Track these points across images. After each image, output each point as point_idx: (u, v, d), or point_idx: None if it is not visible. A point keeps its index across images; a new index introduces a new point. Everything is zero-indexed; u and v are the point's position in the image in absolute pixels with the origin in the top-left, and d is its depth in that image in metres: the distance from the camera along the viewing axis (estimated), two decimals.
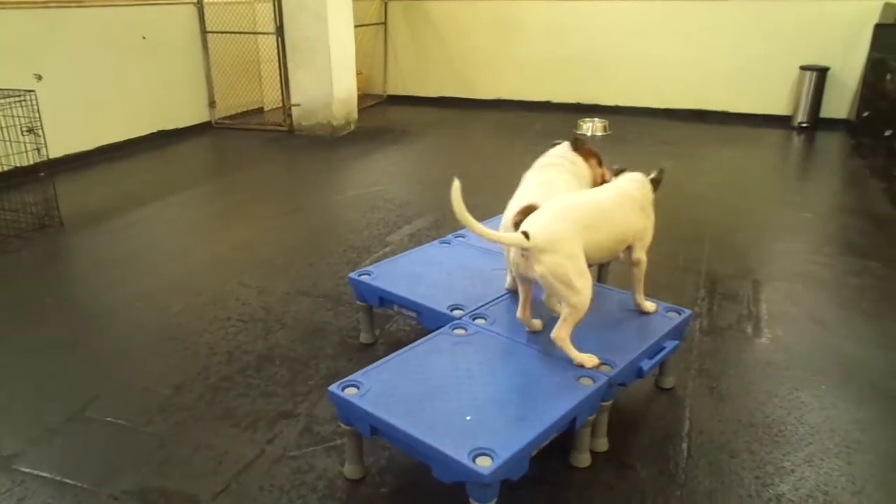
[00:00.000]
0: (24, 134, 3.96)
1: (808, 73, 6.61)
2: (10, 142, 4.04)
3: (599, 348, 2.07)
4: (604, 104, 7.54)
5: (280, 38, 6.52)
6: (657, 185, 2.32)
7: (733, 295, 3.18)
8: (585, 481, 1.99)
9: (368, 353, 2.67)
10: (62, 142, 5.13)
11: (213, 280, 3.42)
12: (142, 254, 3.78)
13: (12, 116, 3.97)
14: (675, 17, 7.11)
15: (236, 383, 2.50)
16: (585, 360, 1.98)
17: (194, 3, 6.60)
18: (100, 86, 5.68)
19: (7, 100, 3.92)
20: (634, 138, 6.49)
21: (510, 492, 1.71)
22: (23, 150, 4.02)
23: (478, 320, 2.26)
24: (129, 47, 5.93)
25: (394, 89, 8.51)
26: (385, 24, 8.28)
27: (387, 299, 2.55)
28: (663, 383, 2.44)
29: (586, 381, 1.92)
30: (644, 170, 2.39)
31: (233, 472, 2.04)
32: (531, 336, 2.16)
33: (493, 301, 2.40)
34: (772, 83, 6.90)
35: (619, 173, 2.35)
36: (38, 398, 2.45)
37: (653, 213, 2.31)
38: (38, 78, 5.06)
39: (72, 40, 5.41)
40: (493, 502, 1.63)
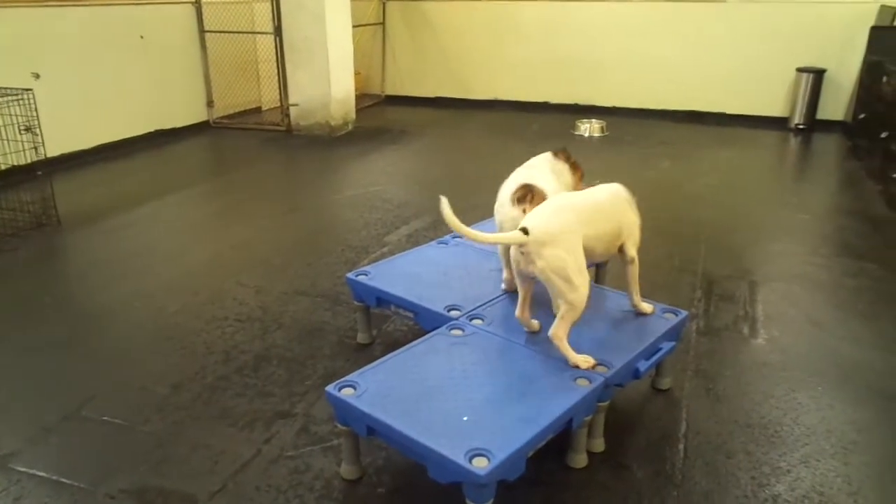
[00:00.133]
0: (22, 133, 3.95)
1: (805, 75, 6.63)
2: (7, 141, 4.04)
3: (596, 349, 2.07)
4: (601, 105, 7.55)
5: (278, 38, 6.52)
6: None
7: (730, 296, 3.19)
8: (582, 482, 2.00)
9: (365, 354, 2.67)
10: (60, 141, 5.12)
11: (210, 279, 3.42)
12: (139, 253, 3.78)
13: (10, 115, 3.96)
14: (673, 18, 7.12)
15: (233, 383, 2.50)
16: (581, 361, 1.98)
17: (192, 3, 6.59)
18: (98, 85, 5.67)
19: (5, 98, 3.92)
20: (631, 139, 6.50)
21: (506, 492, 1.71)
22: (20, 148, 4.01)
23: (475, 321, 2.26)
24: (127, 46, 5.92)
25: (392, 89, 8.51)
26: (383, 24, 8.28)
27: (384, 299, 2.55)
28: (660, 384, 2.45)
29: (583, 381, 1.92)
30: (642, 172, 2.39)
31: (230, 472, 2.04)
32: (528, 337, 2.17)
33: (490, 302, 2.40)
34: (768, 85, 6.91)
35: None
36: (35, 397, 2.45)
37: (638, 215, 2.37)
38: (36, 76, 5.05)
39: (70, 39, 5.40)
40: (490, 503, 1.64)
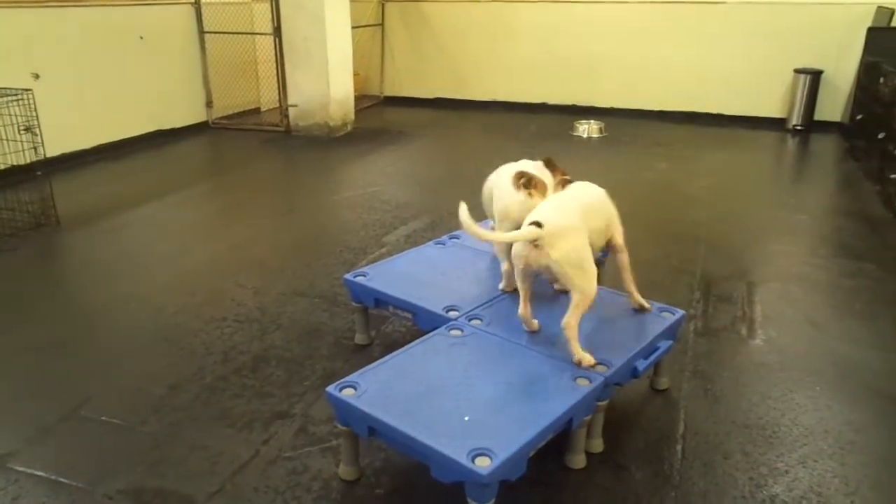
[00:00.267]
0: (22, 133, 3.95)
1: (802, 76, 6.65)
2: (7, 140, 4.04)
3: (595, 348, 2.08)
4: (599, 106, 7.56)
5: (277, 39, 6.52)
6: None
7: (728, 296, 3.19)
8: (581, 482, 2.00)
9: (364, 354, 2.67)
10: (59, 141, 5.11)
11: (209, 280, 3.41)
12: (138, 253, 3.78)
13: (9, 115, 3.96)
14: (671, 19, 7.13)
15: (232, 384, 2.50)
16: (585, 358, 2.00)
17: (192, 3, 6.59)
18: (97, 85, 5.67)
19: (4, 98, 3.92)
20: (629, 140, 6.51)
21: (507, 492, 1.71)
22: (20, 148, 4.01)
23: (473, 321, 2.27)
24: (126, 47, 5.92)
25: (390, 90, 8.51)
26: (382, 25, 8.28)
27: (382, 300, 2.55)
28: (658, 384, 2.45)
29: (583, 381, 1.92)
30: (640, 173, 2.41)
31: (228, 473, 2.04)
32: (527, 337, 2.17)
33: (489, 302, 2.41)
34: (766, 86, 6.93)
35: (566, 183, 2.44)
36: (33, 397, 2.44)
37: None
38: (36, 77, 5.05)
39: (69, 39, 5.40)
40: (492, 503, 1.64)
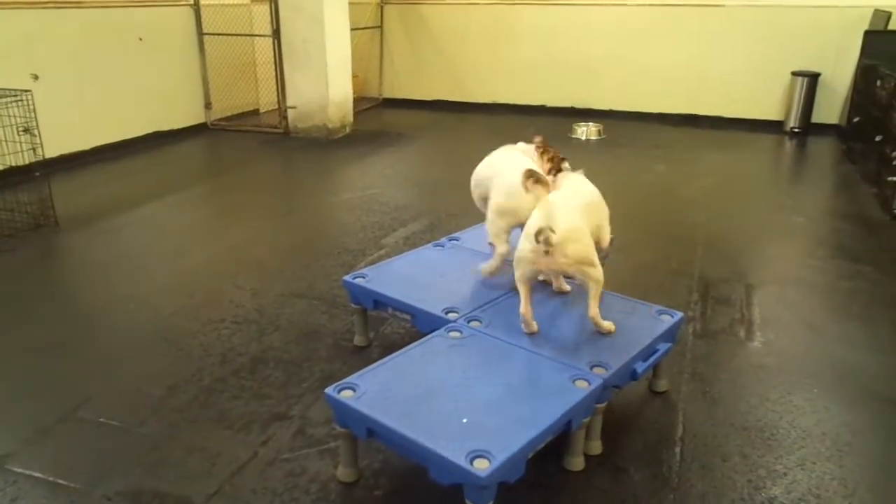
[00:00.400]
0: (21, 134, 3.95)
1: (800, 79, 6.66)
2: (6, 141, 4.03)
3: (594, 350, 2.08)
4: (597, 108, 7.57)
5: (276, 41, 6.52)
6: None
7: (726, 299, 3.20)
8: (579, 485, 2.00)
9: (363, 356, 2.67)
10: (58, 142, 5.11)
11: (207, 281, 3.41)
12: (136, 254, 3.78)
13: (8, 116, 3.96)
14: (669, 22, 7.15)
15: (230, 385, 2.50)
16: (612, 326, 2.20)
17: (191, 5, 6.60)
18: (96, 86, 5.67)
19: (3, 99, 3.92)
20: (628, 142, 6.52)
21: (506, 494, 1.71)
22: (19, 149, 4.00)
23: (472, 323, 2.27)
24: (125, 48, 5.92)
25: (389, 92, 8.52)
26: (381, 27, 8.29)
27: (381, 302, 2.55)
28: (657, 387, 2.45)
29: (582, 383, 1.92)
30: (638, 175, 2.42)
31: (226, 475, 2.04)
32: (526, 338, 2.17)
33: (488, 304, 2.41)
34: (764, 88, 6.95)
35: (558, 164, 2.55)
36: (31, 398, 2.44)
37: None
38: (35, 78, 5.05)
39: (69, 41, 5.40)
40: None
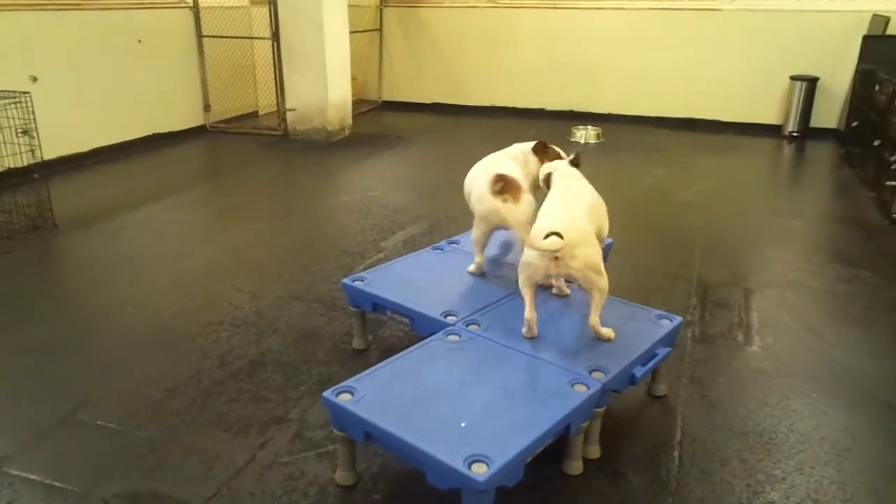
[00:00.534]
0: (19, 135, 3.94)
1: (798, 83, 6.68)
2: (4, 143, 4.02)
3: (592, 355, 2.08)
4: (596, 112, 7.58)
5: (276, 43, 6.53)
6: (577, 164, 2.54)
7: (725, 303, 3.20)
8: (578, 489, 2.00)
9: (361, 359, 2.67)
10: (57, 144, 5.10)
11: (206, 284, 3.41)
12: (135, 257, 3.77)
13: (7, 118, 3.96)
14: (668, 26, 7.16)
15: (228, 388, 2.49)
16: (611, 334, 2.19)
17: (190, 7, 6.60)
18: (95, 88, 5.67)
19: (2, 101, 3.91)
20: (627, 146, 6.52)
21: (505, 498, 1.71)
22: (17, 151, 4.00)
23: (471, 326, 2.27)
24: (124, 50, 5.92)
25: (388, 95, 8.52)
26: (380, 30, 8.30)
27: (380, 305, 2.55)
28: (655, 391, 2.45)
29: (580, 387, 1.92)
30: (637, 178, 2.43)
31: (224, 478, 2.03)
32: (525, 342, 2.17)
33: (487, 307, 2.40)
34: (762, 92, 6.96)
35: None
36: (29, 400, 2.44)
37: None
38: (34, 80, 5.05)
39: (68, 42, 5.40)
40: None
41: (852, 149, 5.87)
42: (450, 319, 2.31)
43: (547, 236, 2.00)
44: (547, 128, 7.25)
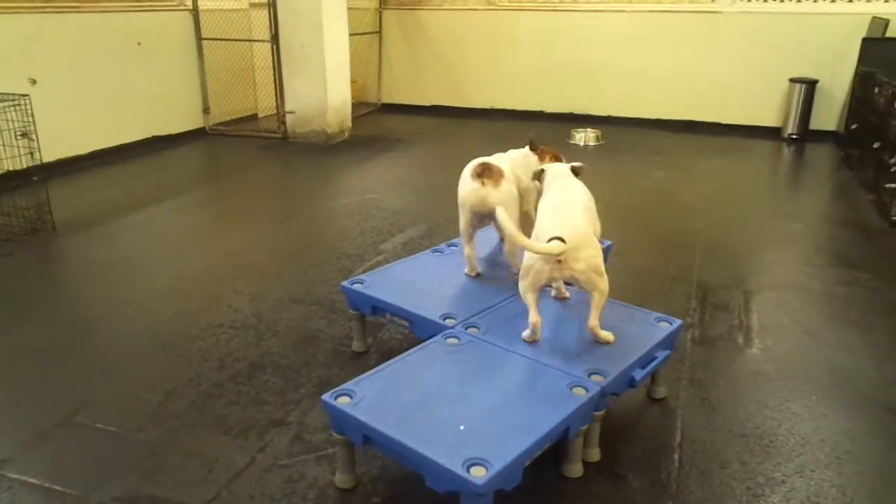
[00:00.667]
0: (18, 138, 3.94)
1: (798, 86, 6.68)
2: (3, 146, 4.02)
3: (592, 358, 2.08)
4: (596, 114, 7.59)
5: (275, 46, 6.53)
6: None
7: (724, 305, 3.20)
8: (578, 492, 1.99)
9: (361, 362, 2.67)
10: (56, 146, 5.10)
11: (205, 286, 3.41)
12: (134, 259, 3.77)
13: (6, 120, 3.96)
14: (668, 28, 7.17)
15: (227, 391, 2.49)
16: (610, 337, 2.18)
17: (190, 10, 6.61)
18: (94, 91, 5.67)
19: (1, 104, 3.91)
20: (626, 148, 6.53)
21: (503, 502, 1.71)
22: (16, 154, 4.00)
23: (470, 329, 2.26)
24: (124, 53, 5.92)
25: (388, 97, 8.53)
26: (379, 32, 8.30)
27: (379, 308, 2.54)
28: (655, 393, 2.45)
29: (579, 390, 1.92)
30: (637, 180, 2.43)
31: (223, 481, 2.03)
32: (524, 345, 2.17)
33: (486, 310, 2.40)
34: (762, 95, 6.96)
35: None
36: (28, 403, 2.43)
37: None
38: (33, 82, 5.05)
39: (67, 45, 5.40)
40: None
41: (852, 151, 5.87)
42: (449, 322, 2.31)
43: (549, 241, 2.00)
44: (546, 130, 7.26)
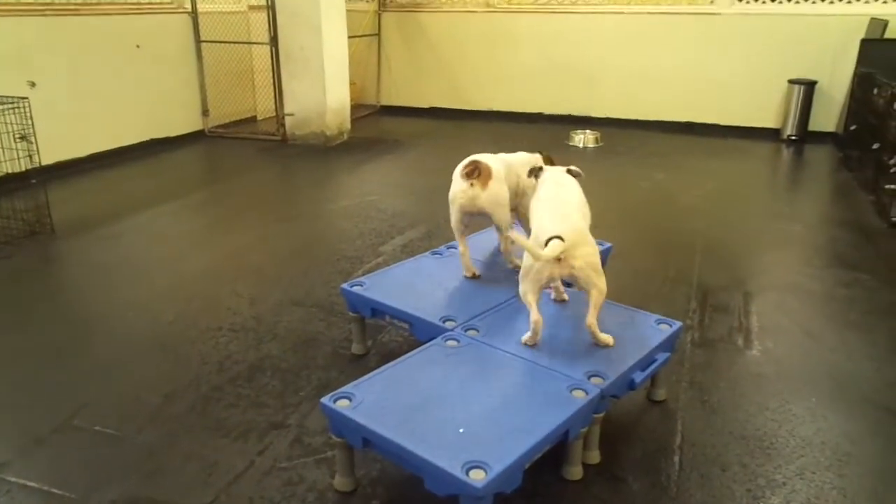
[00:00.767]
0: (17, 141, 3.94)
1: (797, 87, 6.69)
2: (2, 148, 4.02)
3: (591, 360, 2.08)
4: (595, 116, 7.59)
5: (274, 48, 6.53)
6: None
7: (724, 307, 3.20)
8: (578, 494, 1.99)
9: (360, 364, 2.66)
10: (54, 149, 5.09)
11: (204, 289, 3.40)
12: (133, 262, 3.77)
13: (5, 123, 3.96)
14: (667, 30, 7.17)
15: (227, 393, 2.49)
16: (609, 340, 2.17)
17: (189, 13, 6.61)
18: (93, 93, 5.67)
19: (0, 106, 3.91)
20: (626, 150, 6.53)
21: None
22: (15, 156, 4.00)
23: (470, 332, 2.26)
24: (123, 55, 5.92)
25: (387, 100, 8.53)
26: (378, 34, 8.31)
27: (379, 310, 2.54)
28: (655, 395, 2.44)
29: (579, 393, 1.92)
30: (636, 182, 2.43)
31: (223, 484, 2.03)
32: (523, 348, 2.16)
33: (486, 313, 2.40)
34: (761, 96, 6.97)
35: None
36: (26, 406, 2.43)
37: None
38: (32, 85, 5.05)
39: (66, 48, 5.40)
40: None
41: (851, 152, 5.88)
42: (448, 324, 2.31)
43: (548, 240, 2.00)
44: (545, 132, 7.27)
